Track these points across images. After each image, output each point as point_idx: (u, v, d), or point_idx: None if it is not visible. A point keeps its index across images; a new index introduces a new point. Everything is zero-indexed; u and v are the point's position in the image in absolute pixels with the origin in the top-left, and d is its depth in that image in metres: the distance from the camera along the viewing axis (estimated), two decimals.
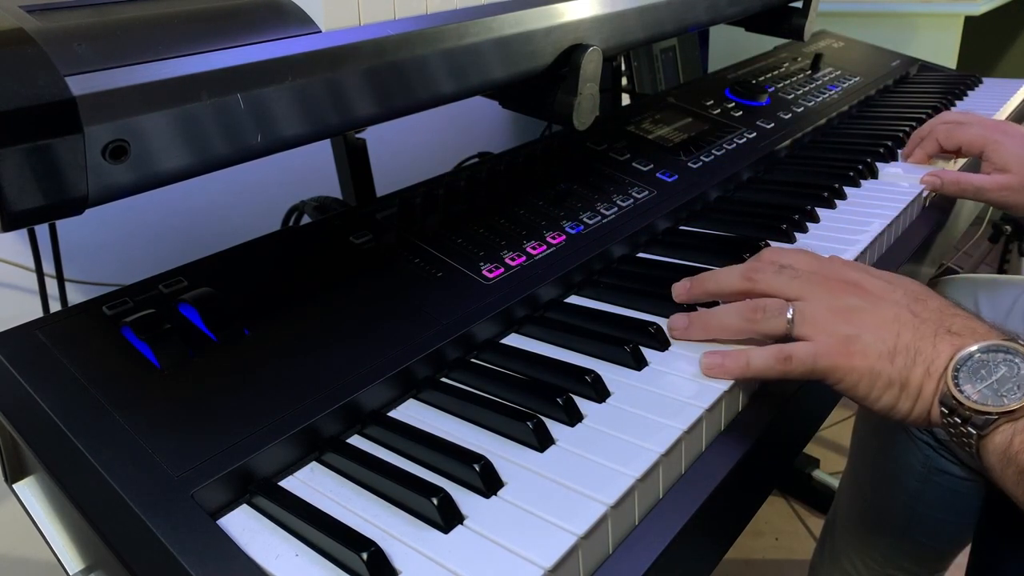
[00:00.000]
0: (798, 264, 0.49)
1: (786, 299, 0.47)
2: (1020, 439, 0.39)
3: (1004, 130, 0.74)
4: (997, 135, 0.73)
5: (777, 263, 0.50)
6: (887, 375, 0.43)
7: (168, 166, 0.39)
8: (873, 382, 0.43)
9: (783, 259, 0.50)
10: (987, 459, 0.41)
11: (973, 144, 0.75)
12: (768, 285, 0.48)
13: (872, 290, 0.46)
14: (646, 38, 0.67)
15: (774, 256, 0.51)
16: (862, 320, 0.45)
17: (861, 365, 0.43)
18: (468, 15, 0.51)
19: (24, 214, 0.35)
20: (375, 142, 0.83)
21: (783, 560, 1.30)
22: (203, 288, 0.49)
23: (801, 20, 0.95)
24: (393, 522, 0.37)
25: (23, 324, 0.46)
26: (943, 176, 0.73)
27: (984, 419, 0.40)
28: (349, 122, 0.48)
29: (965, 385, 0.40)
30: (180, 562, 0.34)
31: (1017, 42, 1.95)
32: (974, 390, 0.40)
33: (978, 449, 0.41)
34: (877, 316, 0.45)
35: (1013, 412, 0.39)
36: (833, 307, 0.46)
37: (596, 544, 0.37)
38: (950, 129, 0.78)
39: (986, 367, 0.40)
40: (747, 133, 0.86)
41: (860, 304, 0.45)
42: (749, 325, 0.48)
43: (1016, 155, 0.71)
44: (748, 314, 0.48)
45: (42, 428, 0.40)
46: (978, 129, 0.75)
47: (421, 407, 0.47)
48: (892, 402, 0.43)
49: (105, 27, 0.38)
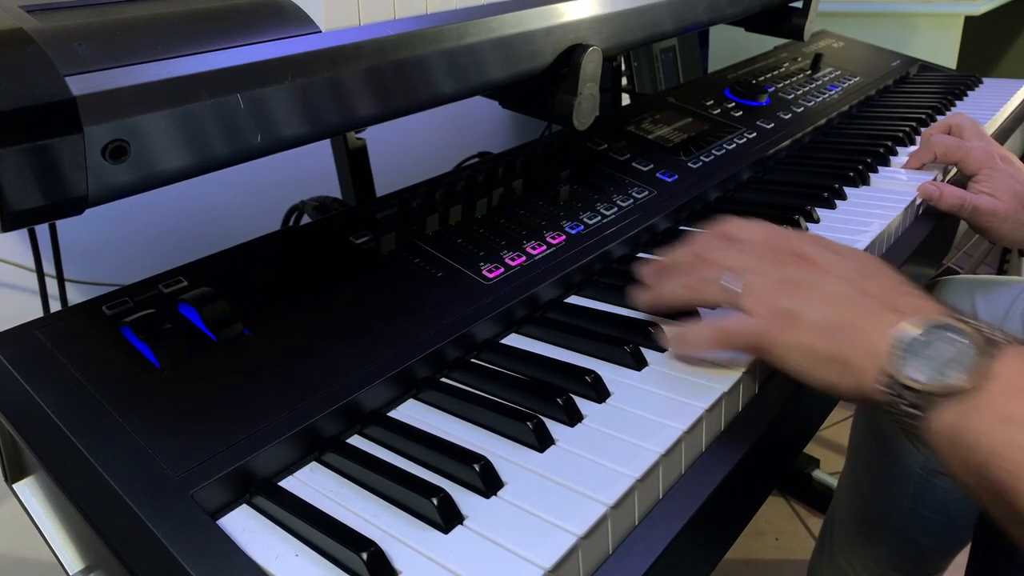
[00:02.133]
0: (749, 236, 0.49)
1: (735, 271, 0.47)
2: (963, 420, 0.37)
3: (1003, 157, 0.76)
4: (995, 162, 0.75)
5: (729, 235, 0.50)
6: (824, 351, 0.42)
7: (168, 166, 0.39)
8: (810, 358, 0.43)
9: (736, 231, 0.50)
10: (932, 441, 0.39)
11: (971, 165, 0.76)
12: (715, 258, 0.48)
13: (820, 263, 0.46)
14: (646, 38, 0.67)
15: (728, 229, 0.51)
16: (805, 294, 0.44)
17: (799, 341, 0.43)
18: (468, 15, 0.51)
19: (24, 214, 0.35)
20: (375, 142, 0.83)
21: (783, 560, 1.30)
22: (203, 288, 0.49)
23: (801, 20, 0.95)
24: (393, 522, 0.37)
25: (23, 324, 0.46)
26: (943, 189, 0.74)
27: (927, 400, 0.38)
28: (349, 122, 0.48)
29: (907, 365, 0.39)
30: (180, 562, 0.34)
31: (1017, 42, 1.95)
32: (916, 370, 0.38)
33: (922, 431, 0.39)
34: (821, 290, 0.44)
35: (956, 392, 0.37)
36: (778, 279, 0.45)
37: (596, 544, 0.37)
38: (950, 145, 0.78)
39: (930, 346, 0.39)
40: (747, 133, 0.86)
41: (805, 277, 0.45)
42: (692, 294, 0.48)
43: (1007, 186, 0.74)
44: (693, 283, 0.48)
45: (42, 428, 0.40)
46: (979, 153, 0.76)
47: (421, 407, 0.47)
48: (832, 379, 0.42)
49: (105, 27, 0.38)
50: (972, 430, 0.36)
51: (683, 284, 0.49)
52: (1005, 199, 0.73)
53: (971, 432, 0.36)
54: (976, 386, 0.37)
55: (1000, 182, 0.74)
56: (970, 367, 0.37)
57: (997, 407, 0.36)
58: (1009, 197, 0.73)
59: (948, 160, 0.79)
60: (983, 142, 0.78)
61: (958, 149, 0.77)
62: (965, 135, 0.79)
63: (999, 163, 0.75)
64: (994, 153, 0.76)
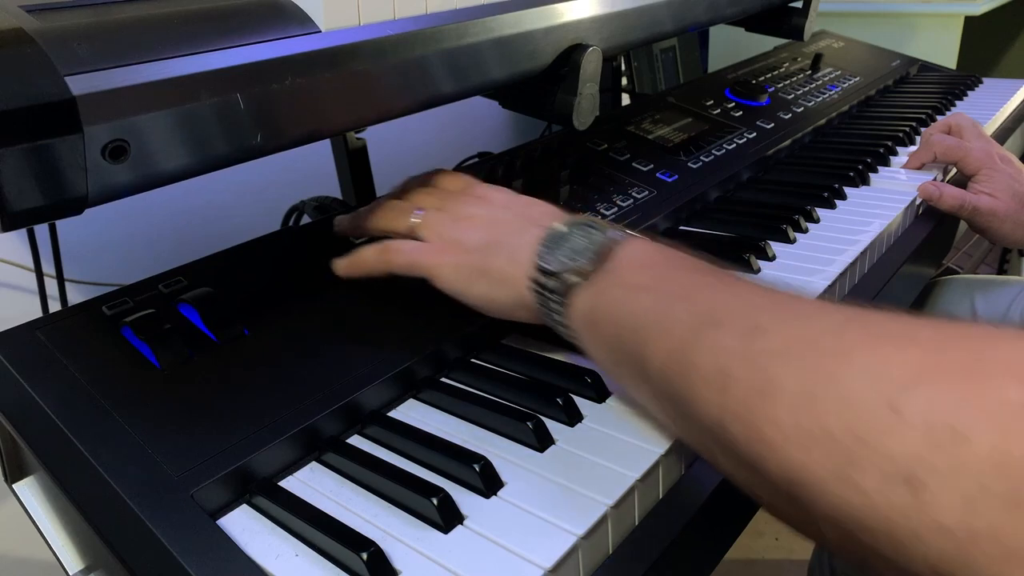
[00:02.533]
0: (447, 183, 0.55)
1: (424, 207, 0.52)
2: (595, 300, 0.41)
3: (1002, 157, 0.77)
4: (994, 162, 0.76)
5: (432, 181, 0.55)
6: (471, 265, 0.47)
7: (168, 166, 0.39)
8: (463, 274, 0.47)
9: (438, 179, 0.55)
10: (576, 329, 0.43)
11: (970, 165, 0.76)
12: (413, 198, 0.53)
13: (496, 201, 0.51)
14: (646, 38, 0.67)
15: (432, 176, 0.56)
16: (472, 224, 0.49)
17: (450, 260, 0.48)
18: (468, 15, 0.51)
19: (24, 214, 0.35)
20: (375, 142, 0.83)
21: (783, 560, 1.30)
22: (203, 288, 0.49)
23: (801, 20, 0.95)
24: (393, 522, 0.37)
25: (23, 324, 0.46)
26: (943, 189, 0.74)
27: (563, 283, 0.42)
28: (349, 122, 0.48)
29: (547, 257, 0.43)
30: (180, 562, 0.34)
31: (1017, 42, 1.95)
32: (554, 259, 0.43)
33: (568, 321, 0.43)
34: (486, 220, 0.49)
35: (587, 273, 0.41)
36: (454, 214, 0.50)
37: (596, 544, 0.37)
38: (950, 145, 0.78)
39: (567, 240, 0.43)
40: (747, 133, 0.86)
41: (477, 212, 0.50)
42: (384, 223, 0.53)
43: (1006, 186, 0.74)
44: (381, 212, 0.53)
45: (42, 428, 0.40)
46: (978, 153, 0.76)
47: (421, 407, 0.47)
48: (487, 292, 0.47)
49: (105, 27, 0.38)
50: (604, 305, 0.40)
51: (381, 216, 0.53)
52: (1005, 199, 0.74)
53: (604, 307, 0.40)
54: (606, 267, 0.41)
55: (999, 182, 0.74)
56: (599, 251, 0.42)
57: (624, 280, 0.41)
58: (1008, 197, 0.74)
59: (947, 160, 0.79)
60: (983, 142, 0.78)
61: (958, 149, 0.77)
62: (965, 135, 0.80)
63: (998, 163, 0.76)
64: (993, 153, 0.77)
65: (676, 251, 0.42)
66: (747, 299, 0.36)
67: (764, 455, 0.30)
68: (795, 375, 0.30)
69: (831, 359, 0.29)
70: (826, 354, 0.30)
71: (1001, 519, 0.23)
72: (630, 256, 0.42)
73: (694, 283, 0.38)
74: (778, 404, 0.30)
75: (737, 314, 0.34)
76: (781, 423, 0.30)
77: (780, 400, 0.30)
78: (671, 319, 0.37)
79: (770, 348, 0.32)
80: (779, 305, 0.34)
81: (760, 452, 0.31)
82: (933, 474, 0.25)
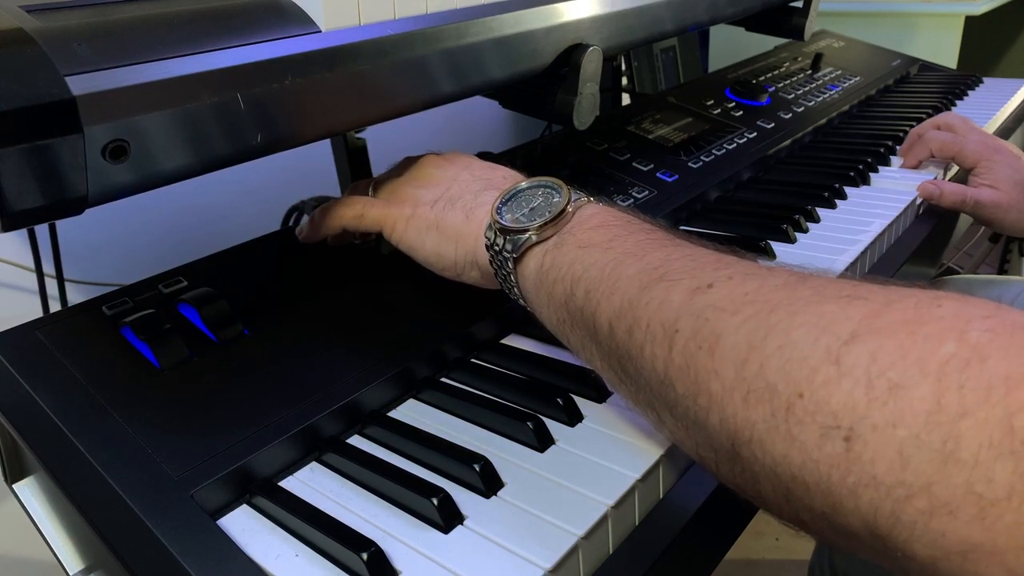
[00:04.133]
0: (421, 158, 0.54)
1: None
2: (549, 257, 0.41)
3: (998, 148, 0.76)
4: (991, 153, 0.75)
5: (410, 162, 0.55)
6: (425, 219, 0.47)
7: (168, 166, 0.39)
8: (415, 227, 0.47)
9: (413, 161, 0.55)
10: (524, 288, 0.43)
11: (968, 158, 0.76)
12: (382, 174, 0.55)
13: (454, 161, 0.52)
14: (646, 38, 0.67)
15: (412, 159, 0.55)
16: (425, 181, 0.50)
17: (404, 212, 0.48)
18: (468, 15, 0.51)
19: (24, 214, 0.35)
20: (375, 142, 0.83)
21: (783, 560, 1.30)
22: (203, 288, 0.49)
23: (801, 20, 0.95)
24: (393, 522, 0.37)
25: (23, 324, 0.46)
26: (943, 187, 0.74)
27: (516, 239, 0.42)
28: (349, 122, 0.48)
29: (506, 215, 0.43)
30: (180, 562, 0.34)
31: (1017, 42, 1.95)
32: (511, 216, 0.43)
33: (518, 281, 0.43)
34: (438, 176, 0.50)
35: (541, 231, 0.41)
36: (411, 174, 0.51)
37: (596, 544, 0.37)
38: (945, 141, 0.78)
39: (526, 198, 0.44)
40: (747, 133, 0.86)
41: (433, 172, 0.50)
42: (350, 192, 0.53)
43: (1007, 176, 0.74)
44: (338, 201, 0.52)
45: (42, 428, 0.40)
46: (974, 146, 0.76)
47: (421, 407, 0.47)
48: (435, 247, 0.47)
49: (105, 27, 0.38)
50: (556, 264, 0.40)
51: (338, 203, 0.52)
52: (1006, 189, 0.73)
53: (555, 266, 0.40)
54: (561, 227, 0.41)
55: (1000, 173, 0.74)
56: (556, 211, 0.42)
57: (578, 239, 0.40)
58: (1010, 187, 0.73)
59: (945, 155, 0.79)
60: (977, 134, 0.78)
61: (953, 144, 0.77)
62: (957, 131, 0.79)
63: (995, 154, 0.75)
64: (990, 144, 0.76)
65: (634, 215, 0.42)
66: (699, 259, 0.36)
67: (707, 408, 0.31)
68: (739, 328, 0.30)
69: (776, 313, 0.30)
70: (772, 308, 0.30)
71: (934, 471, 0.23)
72: (586, 217, 0.41)
73: (648, 243, 0.38)
74: (721, 357, 0.30)
75: (687, 272, 0.34)
76: (723, 375, 0.30)
77: (723, 353, 0.30)
78: (621, 277, 0.37)
79: (716, 303, 0.32)
80: (730, 265, 0.34)
81: (703, 405, 0.31)
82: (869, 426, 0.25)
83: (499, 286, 0.45)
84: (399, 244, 0.48)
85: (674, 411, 0.33)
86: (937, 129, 0.81)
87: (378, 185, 0.52)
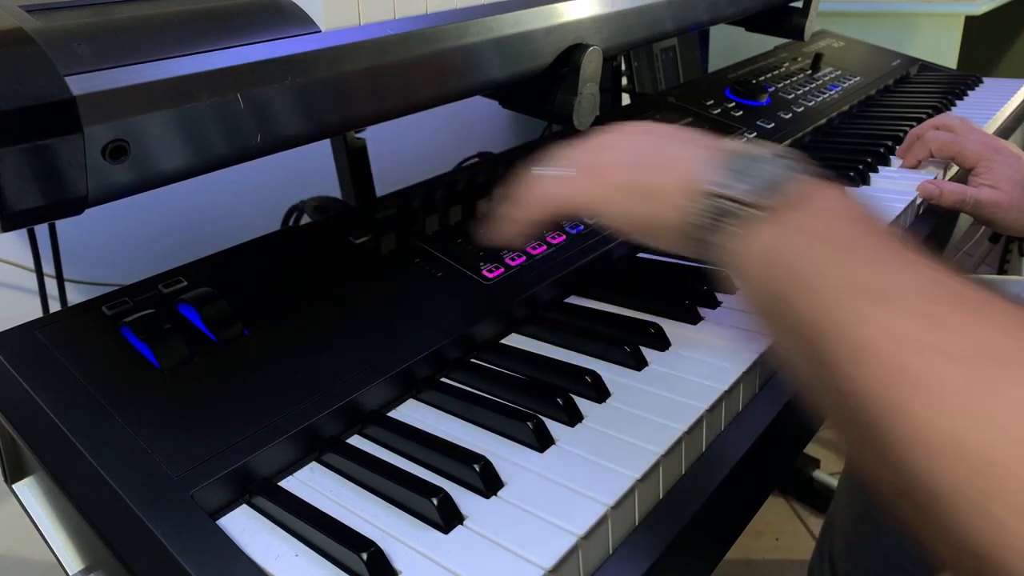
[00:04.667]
0: None
1: None
2: (774, 241, 0.37)
3: (997, 148, 0.76)
4: (991, 153, 0.75)
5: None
6: (636, 182, 0.42)
7: (168, 166, 0.39)
8: (621, 195, 0.43)
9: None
10: (742, 265, 0.38)
11: (968, 159, 0.76)
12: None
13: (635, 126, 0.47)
14: (646, 38, 0.67)
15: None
16: (615, 147, 0.45)
17: (611, 179, 0.43)
18: (468, 15, 0.51)
19: (24, 214, 0.35)
20: (375, 142, 0.83)
21: (783, 560, 1.30)
22: (203, 288, 0.49)
23: (801, 20, 0.95)
24: (393, 522, 0.37)
25: (23, 324, 0.46)
26: (942, 187, 0.74)
27: (749, 213, 0.37)
28: (349, 122, 0.48)
29: (732, 182, 0.38)
30: (180, 562, 0.34)
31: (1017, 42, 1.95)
32: (740, 185, 0.38)
33: (736, 254, 0.38)
34: (628, 142, 0.45)
35: (774, 209, 0.37)
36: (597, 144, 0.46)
37: (596, 544, 0.37)
38: (945, 141, 0.78)
39: (755, 166, 0.38)
40: (747, 133, 0.86)
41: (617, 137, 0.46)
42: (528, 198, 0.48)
43: (1007, 175, 0.74)
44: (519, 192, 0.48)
45: (42, 428, 0.40)
46: (974, 146, 0.76)
47: (421, 407, 0.47)
48: (646, 212, 0.42)
49: (105, 27, 0.38)
50: (783, 248, 0.36)
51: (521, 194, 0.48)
52: (1006, 189, 0.73)
53: (782, 250, 0.36)
54: (794, 207, 0.37)
55: (999, 172, 0.74)
56: (789, 188, 0.37)
57: (810, 226, 0.36)
58: (1010, 187, 0.73)
59: (945, 155, 0.79)
60: (977, 134, 0.78)
61: (953, 143, 0.77)
62: (956, 131, 0.79)
63: (995, 153, 0.75)
64: (990, 144, 0.76)
65: (863, 208, 0.38)
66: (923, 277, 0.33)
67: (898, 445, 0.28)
68: (955, 376, 0.28)
69: (997, 370, 0.27)
70: (993, 362, 0.28)
71: None
72: (824, 205, 0.37)
73: (885, 253, 0.35)
74: (927, 401, 0.28)
75: (909, 292, 0.32)
76: (922, 420, 0.28)
77: (930, 397, 0.28)
78: (848, 285, 0.34)
79: (943, 345, 0.29)
80: (954, 294, 0.32)
81: (894, 441, 0.28)
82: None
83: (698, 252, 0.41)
84: (607, 215, 0.44)
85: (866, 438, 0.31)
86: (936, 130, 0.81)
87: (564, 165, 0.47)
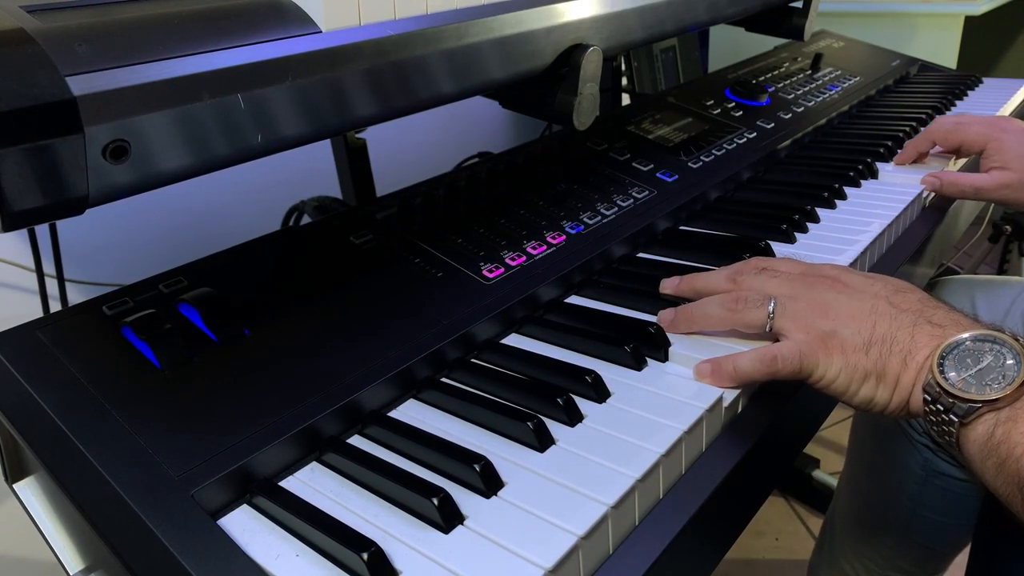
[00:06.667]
0: (779, 267, 0.50)
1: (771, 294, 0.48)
2: (1002, 429, 0.38)
3: (1004, 127, 0.75)
4: (997, 132, 0.74)
5: (759, 266, 0.51)
6: (863, 367, 0.43)
7: (168, 166, 0.39)
8: (851, 376, 0.44)
9: (766, 263, 0.51)
10: (967, 449, 0.40)
11: (975, 143, 0.75)
12: (750, 284, 0.49)
13: (850, 283, 0.47)
14: (646, 38, 0.67)
15: (759, 261, 0.52)
16: (839, 313, 0.45)
17: (839, 360, 0.44)
18: (468, 15, 0.51)
19: (24, 214, 0.35)
20: (375, 142, 0.83)
21: (783, 560, 1.30)
22: (203, 288, 0.49)
23: (801, 20, 0.95)
24: (393, 522, 0.37)
25: (23, 324, 0.46)
26: (942, 177, 0.74)
27: (967, 407, 0.39)
28: (349, 122, 0.48)
29: (950, 372, 0.40)
30: (180, 562, 0.34)
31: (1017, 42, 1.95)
32: (959, 378, 0.40)
33: (958, 439, 0.40)
34: (853, 308, 0.45)
35: (996, 401, 0.38)
36: (812, 301, 0.46)
37: (596, 544, 0.37)
38: (948, 128, 0.78)
39: (972, 356, 0.40)
40: (747, 133, 0.86)
41: (837, 297, 0.46)
42: (730, 315, 0.48)
43: (1017, 152, 0.72)
44: (730, 304, 0.49)
45: (42, 428, 0.40)
46: (979, 127, 0.75)
47: (421, 407, 0.47)
48: (870, 395, 0.44)
49: (105, 27, 0.38)
50: (1008, 439, 0.37)
51: (720, 305, 0.49)
52: (1017, 167, 0.71)
53: (1007, 442, 0.37)
54: (1017, 396, 0.38)
55: (1009, 152, 0.72)
56: (1009, 379, 0.38)
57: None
58: (1021, 165, 0.71)
59: (949, 143, 0.78)
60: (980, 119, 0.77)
61: (956, 130, 0.76)
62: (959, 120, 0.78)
63: (1002, 132, 0.73)
64: (995, 123, 0.75)
65: None
66: None
67: None
68: None
69: None
70: None
71: None
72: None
73: None
74: None
75: None
76: None
77: None
78: None
79: None
80: None
81: None
82: None
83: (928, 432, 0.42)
84: (829, 391, 0.45)
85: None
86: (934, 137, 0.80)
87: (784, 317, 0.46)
